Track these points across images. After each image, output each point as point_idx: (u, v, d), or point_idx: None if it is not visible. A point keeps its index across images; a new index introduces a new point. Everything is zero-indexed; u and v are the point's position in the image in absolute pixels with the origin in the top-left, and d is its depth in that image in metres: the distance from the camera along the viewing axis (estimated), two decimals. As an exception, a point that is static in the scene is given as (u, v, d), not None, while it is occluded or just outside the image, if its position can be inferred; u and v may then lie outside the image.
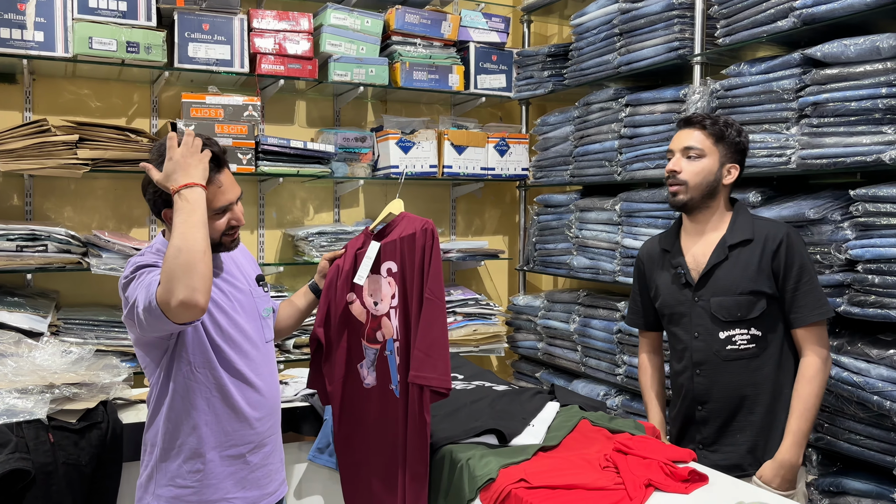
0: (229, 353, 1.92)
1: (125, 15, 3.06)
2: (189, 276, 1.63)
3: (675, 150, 2.28)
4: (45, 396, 2.20)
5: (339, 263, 2.24)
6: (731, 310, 2.17)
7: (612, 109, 3.40)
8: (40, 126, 2.88)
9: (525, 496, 1.79)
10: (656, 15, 3.12)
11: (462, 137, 3.76)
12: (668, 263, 2.33)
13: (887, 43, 2.27)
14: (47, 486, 2.12)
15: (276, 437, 2.07)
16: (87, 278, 3.20)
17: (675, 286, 2.29)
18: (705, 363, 2.22)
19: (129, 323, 1.80)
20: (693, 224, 2.30)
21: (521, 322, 3.95)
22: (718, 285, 2.20)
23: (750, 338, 2.17)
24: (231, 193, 1.90)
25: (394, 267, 2.15)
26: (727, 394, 2.20)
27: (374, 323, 2.19)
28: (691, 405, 2.27)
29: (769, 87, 2.62)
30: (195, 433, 1.90)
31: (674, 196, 2.27)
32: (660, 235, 2.46)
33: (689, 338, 2.25)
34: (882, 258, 2.27)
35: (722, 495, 1.82)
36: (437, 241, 2.07)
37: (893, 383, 2.21)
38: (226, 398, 1.92)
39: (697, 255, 2.27)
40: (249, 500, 1.97)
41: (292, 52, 3.37)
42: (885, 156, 2.27)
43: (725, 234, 2.23)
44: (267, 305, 2.09)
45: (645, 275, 2.44)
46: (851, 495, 2.36)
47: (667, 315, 2.34)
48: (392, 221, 2.21)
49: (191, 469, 1.90)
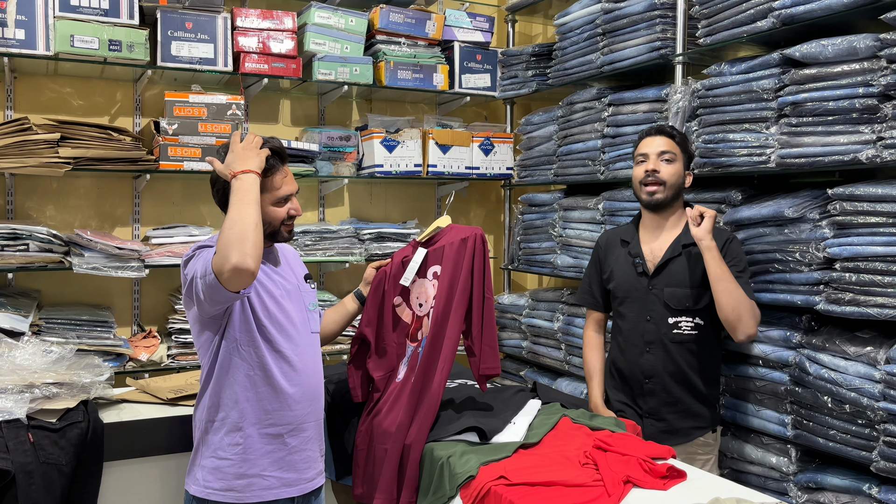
0: (274, 333, 2.05)
1: (107, 13, 3.04)
2: (242, 244, 1.79)
3: (651, 153, 2.51)
4: (25, 396, 2.18)
5: (385, 270, 2.41)
6: (682, 300, 2.46)
7: (595, 109, 3.42)
8: (22, 124, 2.87)
9: (505, 493, 1.80)
10: (639, 15, 3.14)
11: (447, 137, 3.76)
12: (627, 253, 2.59)
13: (864, 43, 2.29)
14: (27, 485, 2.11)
15: (316, 425, 2.17)
16: (70, 277, 3.19)
17: (632, 273, 2.55)
18: (654, 343, 2.49)
19: (187, 301, 1.98)
20: (654, 221, 2.56)
21: (505, 321, 3.96)
22: (672, 278, 2.48)
23: (693, 325, 2.47)
24: (291, 186, 2.10)
25: (439, 270, 2.33)
26: (671, 370, 2.47)
27: (418, 323, 2.36)
28: (638, 378, 2.52)
29: (749, 87, 2.64)
30: (237, 408, 2.03)
31: (651, 195, 2.50)
32: (619, 228, 2.73)
33: (642, 320, 2.51)
34: (859, 256, 2.30)
35: (699, 491, 1.84)
36: (487, 245, 2.31)
37: (870, 380, 2.24)
38: (267, 376, 2.04)
39: (654, 249, 2.54)
40: (285, 481, 2.07)
41: (276, 51, 3.37)
42: (861, 155, 2.29)
43: (681, 234, 2.51)
44: (313, 300, 2.24)
45: (601, 260, 2.70)
46: (829, 491, 2.38)
47: (620, 297, 2.60)
48: (440, 233, 2.38)
49: (231, 442, 2.03)
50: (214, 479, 2.04)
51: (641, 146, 2.56)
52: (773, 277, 2.56)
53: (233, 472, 2.03)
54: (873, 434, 2.25)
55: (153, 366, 3.09)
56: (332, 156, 3.59)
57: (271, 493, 2.07)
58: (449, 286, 2.28)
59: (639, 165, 2.54)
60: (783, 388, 2.51)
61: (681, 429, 2.48)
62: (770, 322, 2.60)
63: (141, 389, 2.68)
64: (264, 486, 2.06)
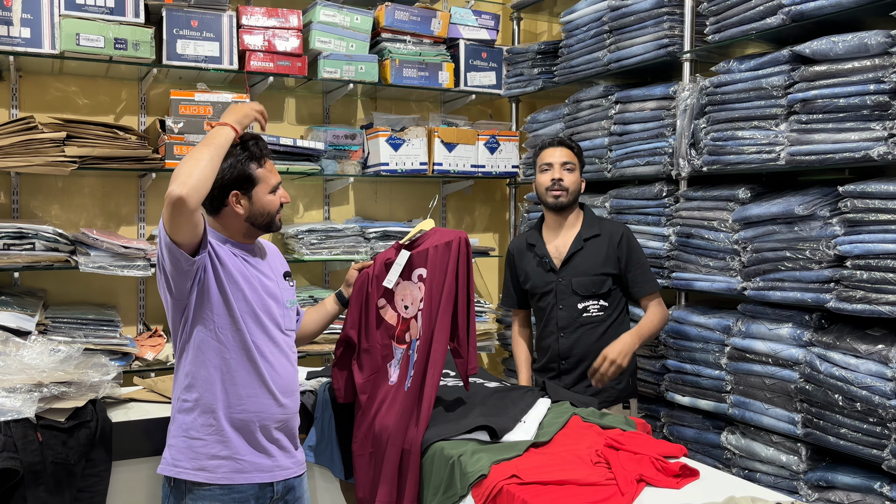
0: (251, 321, 2.06)
1: (112, 11, 3.03)
2: (187, 177, 1.82)
3: (555, 163, 2.80)
4: (34, 395, 2.18)
5: (368, 272, 2.41)
6: (588, 287, 2.77)
7: (602, 107, 3.41)
8: (27, 123, 2.86)
9: (517, 492, 1.79)
10: (646, 12, 3.12)
11: (452, 135, 3.75)
12: (535, 254, 2.88)
13: (875, 40, 2.28)
14: (36, 485, 2.11)
15: (293, 419, 2.17)
16: (75, 277, 3.18)
17: (541, 271, 2.85)
18: (567, 327, 2.78)
19: (160, 281, 2.01)
20: (556, 222, 2.86)
21: (510, 320, 3.95)
22: (577, 269, 2.78)
23: (600, 307, 2.77)
24: (278, 176, 2.16)
25: (424, 273, 2.33)
26: (583, 350, 2.75)
27: (404, 325, 2.35)
28: (556, 360, 2.81)
29: (758, 84, 2.63)
30: (210, 389, 2.02)
31: (557, 199, 2.80)
32: (525, 234, 3.02)
33: (555, 309, 2.81)
34: (870, 254, 2.29)
35: (713, 490, 1.83)
36: (471, 249, 2.32)
37: (882, 378, 2.23)
38: (244, 362, 2.04)
39: (559, 246, 2.84)
40: (259, 466, 2.06)
41: (281, 49, 3.36)
42: (873, 152, 2.28)
43: (581, 230, 2.83)
44: (291, 297, 2.24)
45: (515, 265, 2.96)
46: (840, 489, 2.38)
47: (537, 294, 2.88)
48: (423, 236, 2.39)
49: (205, 423, 2.03)
50: (185, 459, 2.02)
51: (545, 156, 2.83)
52: (782, 275, 2.55)
53: (205, 453, 2.02)
54: (885, 432, 2.24)
55: (159, 365, 3.08)
56: (337, 154, 3.58)
57: (243, 477, 2.04)
58: (437, 290, 2.28)
59: (544, 174, 2.82)
60: (793, 386, 2.50)
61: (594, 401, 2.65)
62: (780, 320, 2.59)
63: (148, 389, 2.68)
64: (237, 468, 2.03)
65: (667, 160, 3.04)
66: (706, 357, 2.84)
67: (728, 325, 2.75)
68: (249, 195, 2.08)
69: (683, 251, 2.95)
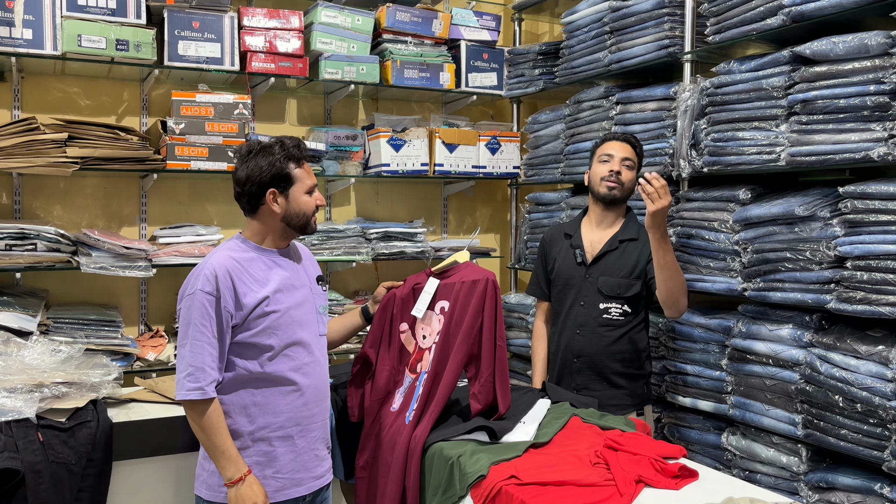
0: (287, 329, 2.08)
1: (114, 12, 3.04)
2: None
3: (616, 156, 2.74)
4: (34, 395, 2.18)
5: (395, 292, 2.38)
6: (613, 288, 2.71)
7: (603, 107, 3.41)
8: (29, 124, 2.87)
9: (516, 493, 1.79)
10: (647, 13, 3.12)
11: (453, 136, 3.76)
12: (569, 245, 2.85)
13: (875, 40, 2.28)
14: (36, 485, 2.11)
15: (323, 425, 2.21)
16: (77, 277, 3.19)
17: (571, 262, 2.81)
18: (585, 325, 2.73)
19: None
20: (599, 216, 2.81)
21: (512, 320, 3.95)
22: (606, 268, 2.73)
23: (622, 312, 2.71)
24: (314, 178, 2.18)
25: (447, 306, 2.31)
26: (598, 350, 2.70)
27: (419, 354, 2.33)
28: (569, 357, 2.75)
29: (759, 85, 2.63)
30: (244, 413, 2.05)
31: (611, 190, 2.74)
32: (563, 224, 3.01)
33: (576, 305, 2.76)
34: (871, 255, 2.28)
35: (712, 491, 1.83)
36: (500, 292, 2.30)
37: (882, 379, 2.23)
38: (276, 376, 2.06)
39: (594, 242, 2.80)
40: (296, 480, 2.09)
41: (283, 50, 3.36)
42: (873, 153, 2.28)
43: (619, 231, 2.78)
44: (324, 303, 2.26)
45: (546, 253, 2.93)
46: (841, 490, 2.37)
47: (559, 284, 2.84)
48: (455, 268, 2.36)
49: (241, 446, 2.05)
50: (219, 480, 2.03)
51: (607, 147, 2.78)
52: (783, 276, 2.55)
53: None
54: (885, 433, 2.23)
55: (160, 365, 3.09)
56: (338, 155, 3.58)
57: (282, 494, 2.07)
58: (456, 326, 2.26)
59: (602, 164, 2.76)
60: (794, 387, 2.49)
61: (607, 406, 2.61)
62: (780, 321, 2.58)
63: (149, 389, 2.68)
64: (276, 487, 2.06)
65: (667, 161, 3.04)
66: (707, 358, 2.84)
67: (729, 325, 2.75)
68: (286, 194, 2.10)
69: (684, 252, 2.95)
